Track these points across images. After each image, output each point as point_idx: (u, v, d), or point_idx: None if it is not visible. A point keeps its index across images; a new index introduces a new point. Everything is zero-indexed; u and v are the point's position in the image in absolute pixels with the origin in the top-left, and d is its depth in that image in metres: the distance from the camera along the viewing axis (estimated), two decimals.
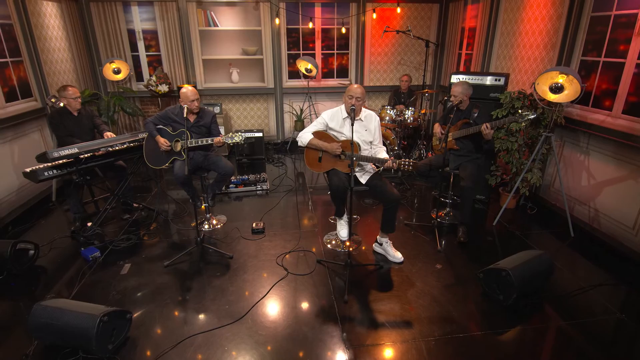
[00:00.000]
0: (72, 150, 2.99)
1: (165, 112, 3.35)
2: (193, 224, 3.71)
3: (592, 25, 3.41)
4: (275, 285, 2.78)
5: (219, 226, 3.69)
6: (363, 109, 2.94)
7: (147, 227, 3.68)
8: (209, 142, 3.19)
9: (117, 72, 5.24)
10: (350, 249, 3.23)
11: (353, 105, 2.77)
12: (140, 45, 5.70)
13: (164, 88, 5.42)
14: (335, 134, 2.96)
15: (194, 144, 3.21)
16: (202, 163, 3.40)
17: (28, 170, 2.99)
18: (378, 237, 3.17)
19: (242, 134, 3.19)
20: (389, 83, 6.40)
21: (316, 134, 2.96)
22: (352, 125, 2.65)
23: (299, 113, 6.19)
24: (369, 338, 2.29)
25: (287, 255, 3.16)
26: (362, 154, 2.90)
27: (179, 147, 3.32)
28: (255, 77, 6.23)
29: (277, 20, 5.64)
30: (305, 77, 5.87)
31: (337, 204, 2.97)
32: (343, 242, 3.26)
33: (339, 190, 2.76)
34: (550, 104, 3.36)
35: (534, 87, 3.37)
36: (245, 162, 5.62)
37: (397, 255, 3.06)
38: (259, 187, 4.56)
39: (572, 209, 3.62)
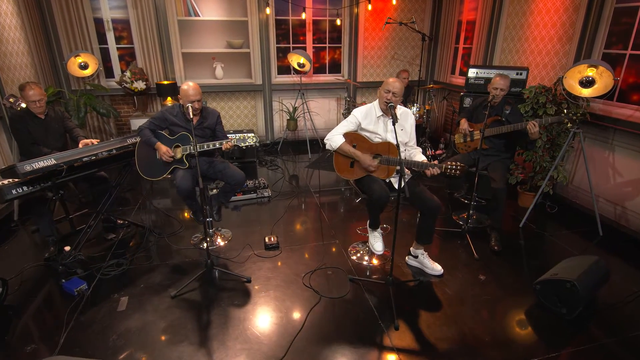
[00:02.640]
0: (48, 161, 2.41)
1: (161, 113, 2.83)
2: (192, 242, 3.22)
3: (616, 16, 3.29)
4: (310, 312, 2.39)
5: (222, 243, 3.22)
6: (398, 105, 2.61)
7: (137, 247, 3.14)
8: (217, 146, 2.73)
9: (84, 67, 4.57)
10: (376, 262, 2.92)
11: (391, 101, 2.43)
12: (110, 37, 5.01)
13: (140, 85, 4.79)
14: (368, 134, 2.61)
15: (198, 149, 2.73)
16: (206, 171, 2.93)
17: None
18: (412, 248, 2.87)
19: (254, 135, 2.76)
20: (382, 79, 6.12)
21: (347, 135, 2.59)
22: (394, 124, 2.31)
23: (289, 111, 5.76)
24: None
25: (312, 274, 2.78)
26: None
27: (179, 153, 2.82)
28: (241, 73, 5.71)
29: (267, 10, 5.16)
30: (297, 72, 5.45)
31: (375, 214, 2.62)
32: (377, 255, 2.93)
33: (382, 200, 2.42)
34: (573, 97, 3.21)
35: (562, 82, 3.21)
36: (236, 166, 5.09)
37: (436, 268, 2.77)
38: (259, 195, 4.11)
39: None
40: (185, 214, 3.75)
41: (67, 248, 2.97)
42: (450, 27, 5.65)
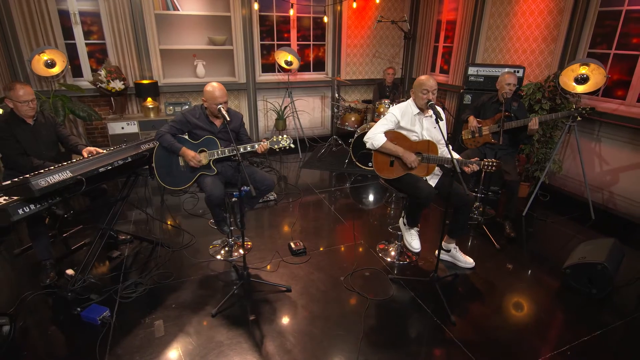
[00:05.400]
0: (64, 174, 2.09)
1: (182, 116, 2.58)
2: (213, 250, 3.00)
3: (600, 19, 3.61)
4: (364, 316, 2.34)
5: (244, 252, 3.03)
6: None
7: (148, 263, 2.85)
8: (249, 149, 2.56)
9: (51, 65, 4.05)
10: (400, 259, 2.95)
11: (431, 100, 2.45)
12: (78, 31, 4.48)
13: (118, 85, 4.35)
14: (406, 133, 2.60)
15: (227, 154, 2.55)
16: (232, 177, 2.74)
17: None
18: (443, 242, 2.92)
19: (288, 136, 2.64)
20: (364, 76, 6.18)
21: (387, 134, 2.56)
22: (438, 122, 2.35)
23: (277, 110, 5.59)
24: None
25: (349, 277, 2.72)
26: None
27: (204, 159, 2.60)
28: (224, 71, 5.42)
29: (255, 5, 4.94)
30: (283, 70, 5.31)
31: (417, 213, 2.62)
32: (411, 252, 2.95)
33: (430, 199, 2.43)
34: (564, 92, 3.49)
35: (558, 79, 3.46)
36: None
37: (468, 261, 2.86)
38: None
39: (584, 192, 3.85)
40: (168, 223, 3.49)
41: (71, 271, 2.64)
42: (429, 26, 5.83)
